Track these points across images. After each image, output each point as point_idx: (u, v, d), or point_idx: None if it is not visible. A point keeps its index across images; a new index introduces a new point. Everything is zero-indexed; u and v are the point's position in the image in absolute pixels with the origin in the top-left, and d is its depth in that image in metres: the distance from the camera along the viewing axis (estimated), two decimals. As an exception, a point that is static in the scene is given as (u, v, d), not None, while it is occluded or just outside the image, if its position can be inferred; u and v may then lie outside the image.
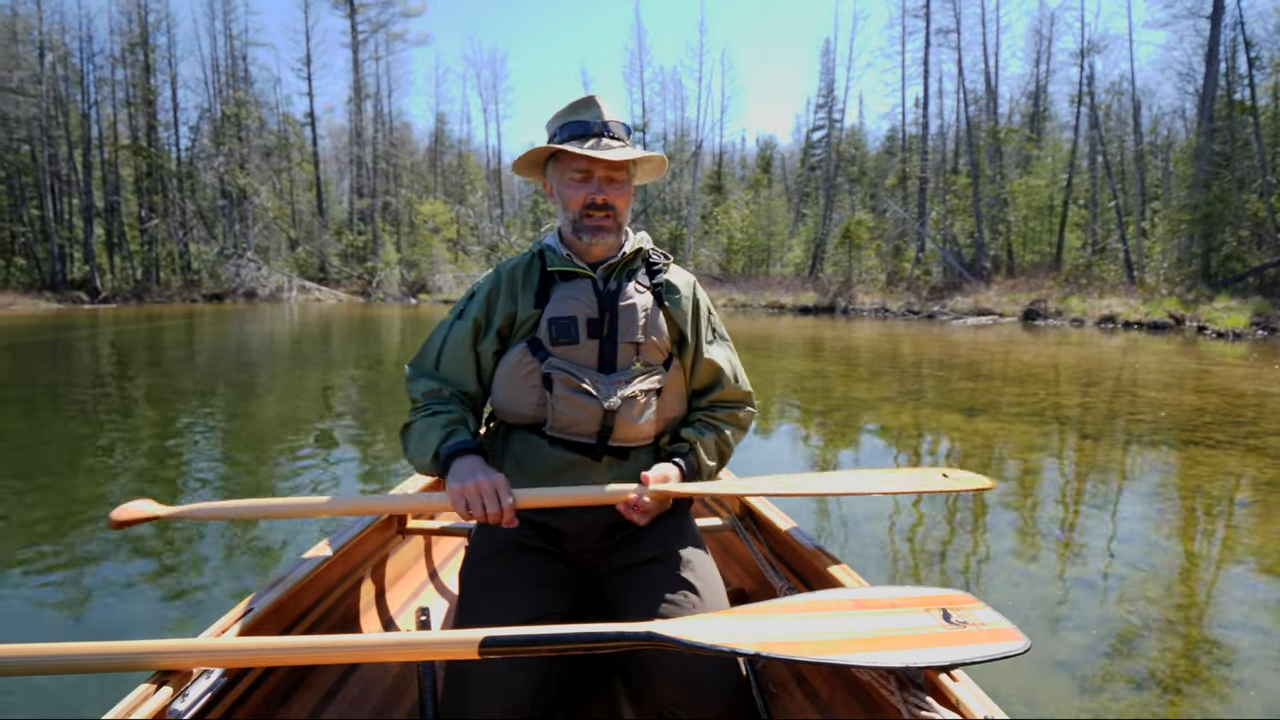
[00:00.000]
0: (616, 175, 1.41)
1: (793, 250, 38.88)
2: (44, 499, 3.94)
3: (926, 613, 1.14)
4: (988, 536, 3.53)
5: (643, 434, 1.43)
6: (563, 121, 1.42)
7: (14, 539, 3.35)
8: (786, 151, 54.40)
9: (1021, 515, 3.81)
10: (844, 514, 3.83)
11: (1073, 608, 2.68)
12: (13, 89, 35.45)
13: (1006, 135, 29.82)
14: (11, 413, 6.53)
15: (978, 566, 3.17)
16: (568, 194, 1.42)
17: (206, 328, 18.91)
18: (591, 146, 1.37)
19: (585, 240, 1.42)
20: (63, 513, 3.74)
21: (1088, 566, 3.09)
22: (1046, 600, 2.76)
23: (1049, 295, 21.41)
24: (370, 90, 44.38)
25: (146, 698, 0.99)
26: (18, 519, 3.63)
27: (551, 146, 1.41)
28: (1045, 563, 3.14)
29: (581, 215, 1.41)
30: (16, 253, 36.72)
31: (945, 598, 1.18)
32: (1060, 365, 10.42)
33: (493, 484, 1.25)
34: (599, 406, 1.37)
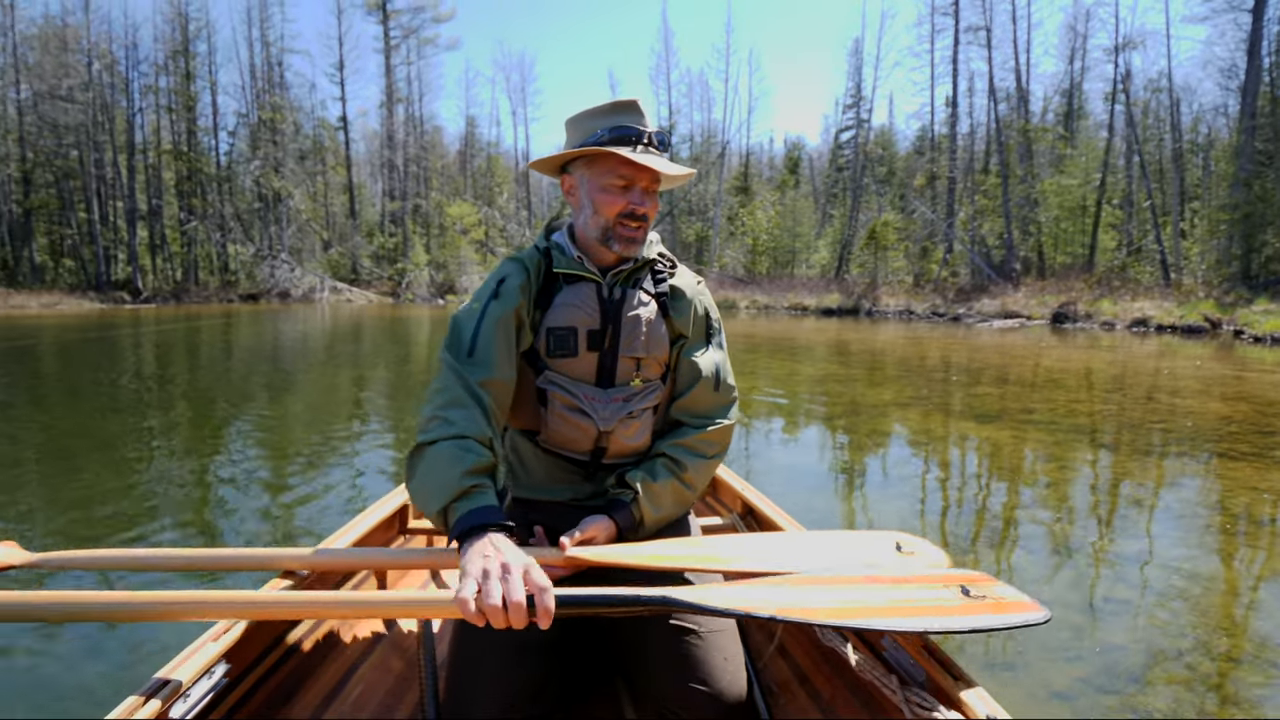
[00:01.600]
0: (654, 186, 1.37)
1: (819, 252, 38.65)
2: (80, 485, 4.21)
3: (945, 588, 1.16)
4: (1006, 536, 3.58)
5: (636, 448, 1.42)
6: (610, 123, 1.32)
7: (54, 520, 3.60)
8: (815, 152, 54.08)
9: (1030, 525, 3.74)
10: (847, 515, 3.83)
11: (1084, 629, 2.55)
12: (62, 96, 36.87)
13: (1037, 134, 29.28)
14: (57, 406, 6.90)
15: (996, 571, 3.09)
16: (603, 199, 1.33)
17: (243, 327, 19.53)
18: (641, 155, 1.30)
19: (616, 249, 1.35)
20: (95, 499, 3.99)
21: (1089, 589, 2.94)
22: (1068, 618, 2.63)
23: (1079, 298, 21.00)
24: (402, 95, 45.21)
25: (148, 699, 0.99)
26: (59, 502, 3.88)
27: (600, 149, 1.30)
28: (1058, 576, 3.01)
29: (616, 223, 1.34)
30: (65, 254, 38.19)
31: (964, 576, 1.21)
32: (1083, 370, 10.28)
33: (524, 567, 1.00)
34: (594, 427, 1.34)
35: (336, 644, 1.50)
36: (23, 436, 5.68)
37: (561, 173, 1.42)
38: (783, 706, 1.45)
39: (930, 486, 4.41)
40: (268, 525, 3.70)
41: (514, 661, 1.20)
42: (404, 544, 1.93)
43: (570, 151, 1.34)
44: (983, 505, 4.05)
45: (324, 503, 4.00)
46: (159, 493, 4.19)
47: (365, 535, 1.68)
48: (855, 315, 25.21)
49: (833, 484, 4.54)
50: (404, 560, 1.50)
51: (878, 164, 40.17)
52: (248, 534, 3.59)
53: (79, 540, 3.40)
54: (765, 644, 1.63)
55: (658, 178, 1.34)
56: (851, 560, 1.34)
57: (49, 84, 36.78)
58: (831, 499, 4.19)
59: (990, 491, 4.35)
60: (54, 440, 5.58)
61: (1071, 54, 32.65)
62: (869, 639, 1.31)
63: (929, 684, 1.10)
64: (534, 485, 1.42)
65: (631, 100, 1.35)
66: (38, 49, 37.57)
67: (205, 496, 4.16)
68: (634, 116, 1.34)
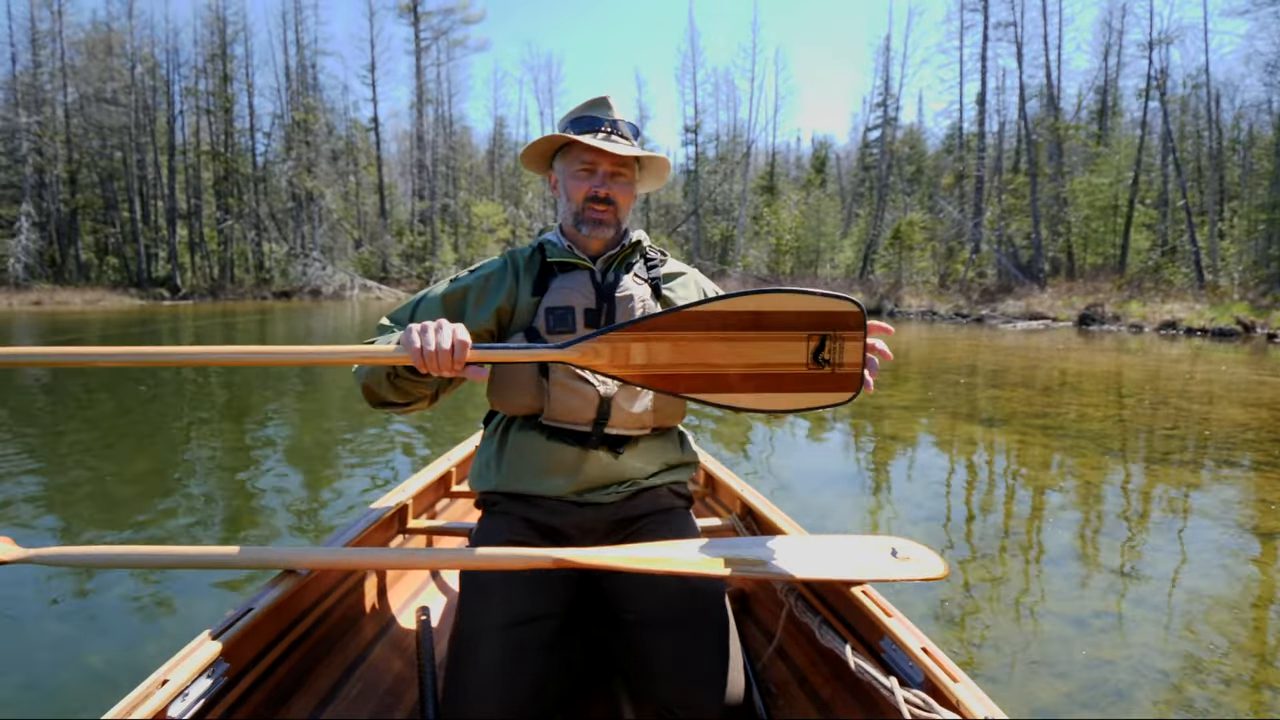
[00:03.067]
0: (622, 172, 1.44)
1: (844, 251, 38.41)
2: (124, 469, 4.54)
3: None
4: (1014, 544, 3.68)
5: (638, 422, 1.42)
6: (574, 116, 1.46)
7: (101, 501, 3.92)
8: (843, 151, 53.65)
9: (1031, 535, 3.63)
10: (851, 515, 3.85)
11: (1075, 646, 2.45)
12: (107, 99, 38.23)
13: (1066, 132, 28.75)
14: (104, 398, 7.32)
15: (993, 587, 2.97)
16: (572, 185, 1.44)
17: (277, 323, 20.17)
18: (600, 141, 1.40)
19: (585, 232, 1.44)
20: (141, 482, 4.31)
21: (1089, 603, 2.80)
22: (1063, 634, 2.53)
23: (1106, 299, 20.65)
24: (432, 96, 45.95)
25: (146, 697, 0.98)
26: (106, 484, 4.21)
27: (562, 136, 1.43)
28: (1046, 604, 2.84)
29: (584, 207, 1.43)
30: (109, 252, 39.59)
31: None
32: (1100, 373, 10.19)
33: (448, 325, 1.13)
34: (595, 392, 1.37)
35: (335, 643, 1.50)
36: (66, 426, 6.08)
37: (550, 171, 1.53)
38: (782, 707, 1.46)
39: (931, 492, 4.39)
40: (298, 506, 3.92)
41: (513, 661, 1.21)
42: (403, 543, 1.94)
43: (534, 144, 1.46)
44: (984, 511, 4.00)
45: (356, 485, 4.26)
46: (189, 478, 4.49)
47: (364, 535, 1.67)
48: (877, 316, 25.08)
49: (839, 487, 4.54)
50: (403, 560, 1.53)
51: (905, 163, 39.77)
52: (273, 516, 3.79)
53: (110, 511, 3.72)
54: (764, 645, 1.63)
55: (623, 162, 1.43)
56: (846, 563, 1.36)
57: (94, 87, 38.17)
58: (835, 502, 4.18)
59: (993, 498, 4.32)
60: (96, 428, 5.96)
61: (1106, 50, 32.00)
62: (868, 640, 1.31)
63: (927, 685, 1.12)
64: (532, 478, 1.43)
65: (602, 97, 1.46)
66: (84, 54, 38.99)
67: (236, 483, 4.43)
68: (600, 109, 1.45)
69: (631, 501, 1.46)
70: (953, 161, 34.20)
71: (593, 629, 1.43)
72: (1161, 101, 26.94)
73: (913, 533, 3.60)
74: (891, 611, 1.27)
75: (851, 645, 1.28)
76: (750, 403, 1.24)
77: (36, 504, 4.02)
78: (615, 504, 1.44)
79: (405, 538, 1.94)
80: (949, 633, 2.55)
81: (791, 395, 1.22)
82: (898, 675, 1.15)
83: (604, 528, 1.44)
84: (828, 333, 1.21)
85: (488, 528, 1.45)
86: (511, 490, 1.44)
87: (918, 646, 1.17)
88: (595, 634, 1.43)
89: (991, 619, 2.66)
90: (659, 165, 1.53)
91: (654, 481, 1.48)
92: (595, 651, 1.46)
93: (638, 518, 1.47)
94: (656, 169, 1.54)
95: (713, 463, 2.23)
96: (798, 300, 1.21)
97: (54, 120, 37.67)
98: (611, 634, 1.37)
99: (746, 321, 1.20)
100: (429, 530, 1.94)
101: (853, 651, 1.25)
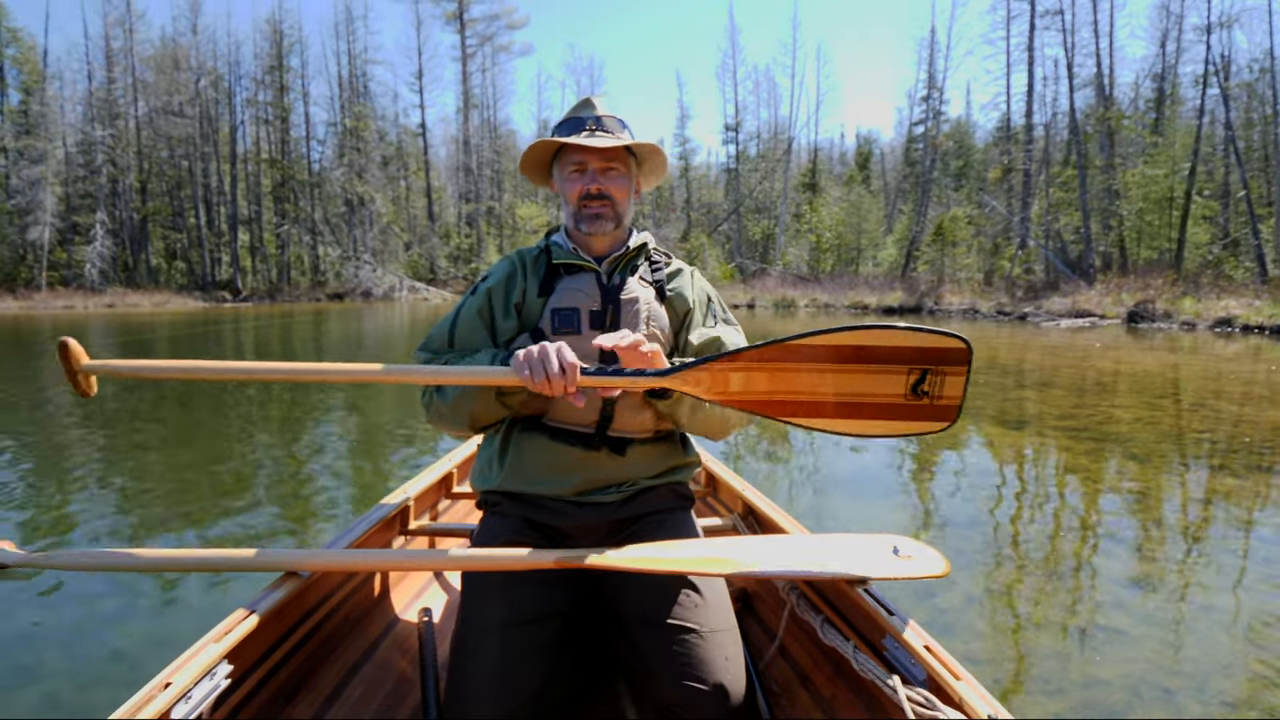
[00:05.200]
0: (614, 166, 1.45)
1: (886, 248, 37.88)
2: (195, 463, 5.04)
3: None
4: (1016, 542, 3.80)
5: (641, 425, 1.43)
6: (560, 122, 1.49)
7: (173, 493, 4.39)
8: (888, 147, 52.85)
9: (1044, 541, 3.50)
10: (853, 516, 3.83)
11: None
12: (174, 111, 40.37)
13: (1118, 122, 27.77)
14: (171, 397, 7.98)
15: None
16: (567, 187, 1.46)
17: (331, 323, 21.26)
18: (584, 138, 1.42)
19: (585, 230, 1.45)
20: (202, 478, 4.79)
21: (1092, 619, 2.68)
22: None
23: (1157, 295, 19.99)
24: (477, 101, 47.05)
25: (149, 700, 0.99)
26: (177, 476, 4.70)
27: (552, 142, 1.45)
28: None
29: (579, 206, 1.45)
30: (177, 256, 41.82)
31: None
32: (1138, 374, 9.93)
33: (555, 348, 1.18)
34: (598, 396, 1.37)
35: (338, 645, 1.51)
36: (142, 410, 6.70)
37: (552, 180, 1.56)
38: (784, 706, 1.46)
39: (940, 494, 4.33)
40: (298, 506, 4.02)
41: (515, 662, 1.22)
42: (405, 544, 1.95)
43: (526, 153, 1.50)
44: (995, 515, 3.89)
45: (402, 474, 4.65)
46: (250, 468, 4.93)
47: (366, 536, 1.67)
48: (917, 313, 24.76)
49: (846, 488, 4.51)
50: (405, 561, 1.54)
51: (952, 157, 38.98)
52: (272, 516, 3.84)
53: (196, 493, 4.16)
54: (766, 644, 1.63)
55: (614, 156, 1.45)
56: (848, 562, 1.36)
57: (163, 100, 40.37)
58: (845, 503, 4.14)
59: (1006, 502, 4.18)
60: (167, 417, 6.56)
61: (1164, 36, 30.78)
62: (870, 638, 1.30)
63: (930, 683, 1.11)
64: (536, 478, 1.43)
65: (586, 98, 1.49)
66: (154, 69, 41.25)
67: (289, 472, 4.82)
68: (584, 109, 1.48)
69: (633, 501, 1.46)
70: (999, 155, 33.42)
71: (595, 629, 1.44)
72: (1221, 88, 25.84)
73: (916, 531, 3.56)
74: (893, 610, 1.26)
75: (854, 644, 1.28)
76: (843, 428, 1.28)
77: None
78: (616, 504, 1.45)
79: (407, 539, 1.95)
80: (990, 643, 2.49)
81: (885, 423, 1.27)
82: (900, 673, 1.15)
83: (605, 528, 1.45)
84: (929, 367, 1.23)
85: (489, 528, 1.46)
86: (513, 490, 1.45)
87: (920, 645, 1.16)
88: (597, 634, 1.44)
89: (1042, 638, 2.52)
90: (655, 156, 1.53)
91: (656, 482, 1.48)
92: (597, 651, 1.48)
93: (639, 518, 1.47)
94: (654, 161, 1.55)
95: (714, 462, 2.25)
96: (903, 336, 1.23)
97: (126, 132, 40.00)
98: (613, 634, 1.38)
99: (847, 355, 1.24)
100: (431, 531, 1.96)
101: (855, 650, 1.26)
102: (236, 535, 3.57)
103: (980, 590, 2.92)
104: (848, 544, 1.45)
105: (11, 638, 2.52)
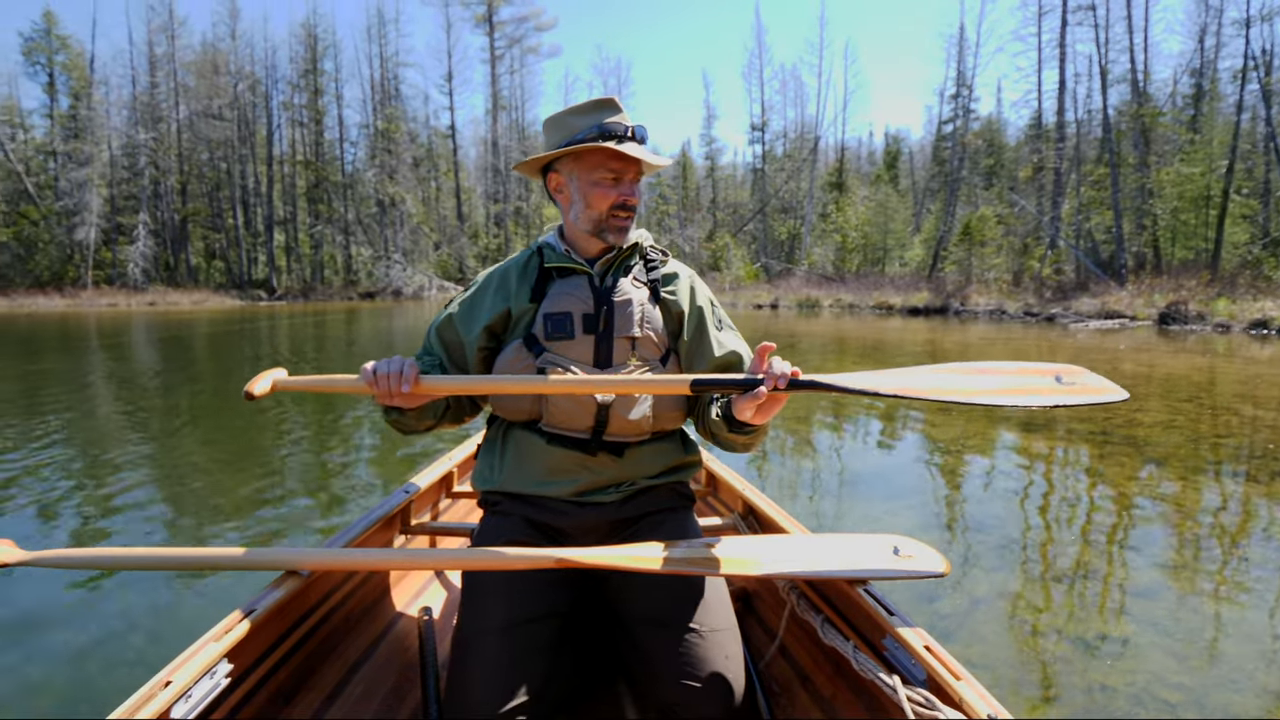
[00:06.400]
0: (639, 178, 1.46)
1: (913, 248, 37.50)
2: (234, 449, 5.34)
3: (1041, 377, 1.28)
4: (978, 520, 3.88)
5: (637, 429, 1.41)
6: (595, 120, 1.39)
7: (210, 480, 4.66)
8: (917, 145, 52.30)
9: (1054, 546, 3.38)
10: (854, 516, 3.83)
11: None
12: (213, 115, 41.63)
13: (1152, 119, 27.16)
14: (206, 381, 8.37)
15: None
16: (596, 193, 1.41)
17: (363, 321, 21.86)
18: (630, 148, 1.38)
19: (609, 239, 1.43)
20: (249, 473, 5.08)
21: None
22: None
23: (1191, 296, 19.58)
24: (505, 102, 47.65)
25: (149, 699, 0.99)
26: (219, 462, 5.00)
27: (593, 145, 1.37)
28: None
29: (609, 215, 1.42)
30: (216, 256, 43.11)
31: (1058, 368, 1.32)
32: (1163, 377, 9.73)
33: (401, 360, 1.26)
34: (592, 400, 1.37)
35: (338, 644, 1.51)
36: (182, 404, 7.07)
37: (547, 172, 1.48)
38: (784, 706, 1.46)
39: (946, 495, 4.30)
40: (297, 506, 3.97)
41: (516, 662, 1.22)
42: (405, 544, 1.94)
43: (561, 150, 1.40)
44: (1003, 517, 3.80)
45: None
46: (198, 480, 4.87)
47: (366, 535, 1.67)
48: (943, 315, 24.53)
49: (852, 488, 4.46)
50: (405, 560, 1.52)
51: (982, 156, 38.45)
52: (273, 515, 3.81)
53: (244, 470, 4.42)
54: (767, 644, 1.63)
55: (642, 170, 1.45)
56: (849, 562, 1.36)
57: (203, 104, 41.66)
58: (847, 503, 4.12)
59: (1013, 503, 4.08)
60: (204, 403, 6.91)
61: (1202, 30, 30.03)
62: (870, 638, 1.30)
63: (930, 683, 1.11)
64: (537, 479, 1.43)
65: (610, 98, 1.43)
66: (194, 73, 42.57)
67: (234, 483, 4.50)
68: (615, 113, 1.41)
69: (633, 501, 1.46)
70: (1029, 153, 32.90)
71: (595, 629, 1.44)
72: (1262, 83, 25.15)
73: (977, 543, 3.43)
74: (894, 610, 1.26)
75: (854, 644, 1.28)
76: (991, 399, 1.21)
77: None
78: (617, 504, 1.45)
79: (407, 538, 1.94)
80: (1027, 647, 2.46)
81: (1044, 395, 1.23)
82: (900, 674, 1.15)
83: (606, 528, 1.45)
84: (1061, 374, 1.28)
85: (490, 528, 1.46)
86: (513, 491, 1.45)
87: (920, 645, 1.16)
88: (598, 634, 1.45)
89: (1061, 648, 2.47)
90: (662, 164, 1.52)
91: (656, 482, 1.48)
92: (598, 651, 1.48)
93: (639, 517, 1.47)
94: (658, 168, 1.54)
95: (715, 462, 2.24)
96: (1033, 367, 1.30)
97: (168, 136, 41.36)
98: (614, 633, 1.39)
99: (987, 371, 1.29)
100: (431, 530, 1.96)
101: (855, 650, 1.25)
102: (236, 534, 3.55)
103: (987, 593, 2.85)
104: (848, 544, 1.46)
105: (11, 636, 2.49)
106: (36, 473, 4.59)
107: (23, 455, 5.04)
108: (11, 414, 6.69)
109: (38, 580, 2.87)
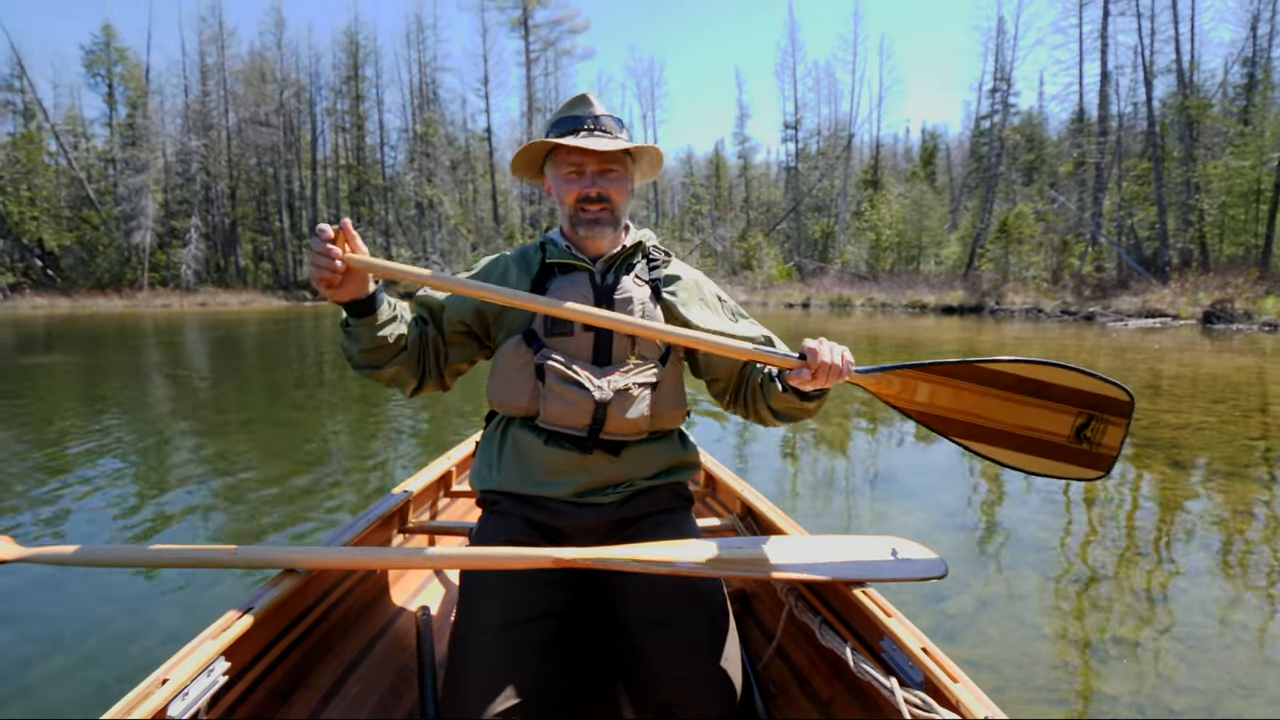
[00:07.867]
0: (612, 168, 1.43)
1: (949, 246, 36.91)
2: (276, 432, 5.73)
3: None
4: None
5: (634, 428, 1.40)
6: (555, 119, 1.44)
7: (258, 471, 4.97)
8: (954, 141, 51.41)
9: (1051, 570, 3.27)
10: (854, 516, 3.82)
11: None
12: (261, 121, 43.14)
13: (1199, 112, 26.28)
14: (256, 375, 8.87)
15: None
16: (563, 189, 1.43)
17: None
18: (583, 140, 1.39)
19: (582, 234, 1.43)
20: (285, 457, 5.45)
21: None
22: None
23: (1237, 294, 18.97)
24: (540, 105, 48.23)
25: (146, 696, 0.98)
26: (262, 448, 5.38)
27: (546, 141, 1.41)
28: None
29: (576, 209, 1.42)
30: (263, 258, 44.67)
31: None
32: (1201, 377, 9.34)
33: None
34: (590, 399, 1.36)
35: (335, 642, 1.50)
36: (227, 399, 7.54)
37: (544, 177, 1.53)
38: (782, 707, 1.46)
39: (946, 497, 4.25)
40: (297, 506, 3.96)
41: (513, 661, 1.21)
42: (403, 543, 1.93)
43: (520, 153, 1.46)
44: (1009, 519, 3.77)
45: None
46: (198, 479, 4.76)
47: (365, 534, 1.67)
48: (978, 314, 24.18)
49: (847, 490, 4.44)
50: (404, 559, 1.50)
51: (1021, 151, 37.66)
52: (273, 515, 3.79)
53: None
54: (764, 645, 1.63)
55: (612, 158, 1.42)
56: (847, 563, 1.37)
57: (251, 111, 43.22)
58: (846, 504, 4.12)
59: (1020, 505, 4.00)
60: (250, 391, 7.37)
61: (1254, 17, 28.97)
62: (868, 640, 1.30)
63: (927, 685, 1.11)
64: (535, 480, 1.43)
65: (582, 95, 1.46)
66: (243, 82, 44.18)
67: (234, 482, 4.47)
68: (581, 107, 1.44)
69: (632, 502, 1.46)
70: (1069, 148, 32.12)
71: (593, 629, 1.44)
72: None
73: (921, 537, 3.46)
74: (891, 611, 1.27)
75: (852, 645, 1.28)
76: (1003, 458, 1.33)
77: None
78: (615, 504, 1.45)
79: (405, 537, 1.94)
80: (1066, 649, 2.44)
81: (1044, 461, 1.33)
82: (898, 675, 1.15)
83: (604, 528, 1.45)
84: (1095, 414, 1.31)
85: (488, 527, 1.46)
86: (512, 491, 1.45)
87: (918, 647, 1.17)
88: (596, 634, 1.45)
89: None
90: (652, 155, 1.51)
91: (654, 482, 1.48)
92: (596, 651, 1.48)
93: (638, 518, 1.47)
94: (650, 159, 1.53)
95: (713, 463, 2.25)
96: (1075, 377, 1.32)
97: (218, 142, 43.00)
98: (612, 634, 1.39)
99: (1029, 387, 1.31)
100: (429, 529, 1.95)
101: (853, 652, 1.25)
102: (235, 533, 3.55)
103: (990, 595, 2.84)
104: (846, 545, 1.47)
105: (10, 635, 2.50)
106: (75, 466, 4.75)
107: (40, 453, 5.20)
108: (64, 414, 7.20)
109: (36, 578, 2.87)
